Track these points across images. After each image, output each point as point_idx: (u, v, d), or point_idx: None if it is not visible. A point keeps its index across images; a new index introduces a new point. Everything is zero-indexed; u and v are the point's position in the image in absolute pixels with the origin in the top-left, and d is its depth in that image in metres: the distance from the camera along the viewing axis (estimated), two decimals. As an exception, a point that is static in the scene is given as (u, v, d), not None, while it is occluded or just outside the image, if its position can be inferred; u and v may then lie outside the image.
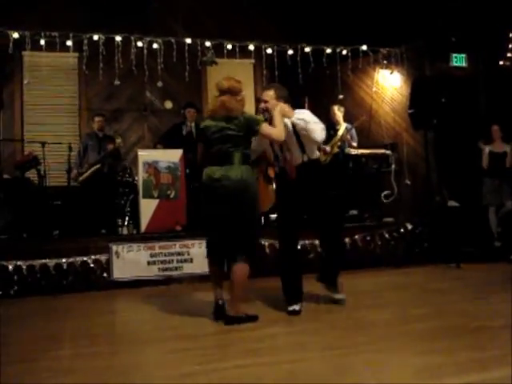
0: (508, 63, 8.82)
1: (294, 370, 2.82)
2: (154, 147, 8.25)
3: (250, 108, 9.08)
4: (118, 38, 8.25)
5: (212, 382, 2.69)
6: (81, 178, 7.60)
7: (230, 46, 8.80)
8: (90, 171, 7.57)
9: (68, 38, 8.14)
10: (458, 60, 8.87)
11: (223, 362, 3.04)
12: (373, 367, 2.81)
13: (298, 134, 4.39)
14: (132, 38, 8.33)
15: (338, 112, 8.10)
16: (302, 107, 9.98)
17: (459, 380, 2.51)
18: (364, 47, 8.97)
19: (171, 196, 7.11)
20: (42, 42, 8.01)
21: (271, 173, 7.49)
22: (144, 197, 7.04)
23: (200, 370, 2.88)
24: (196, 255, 6.56)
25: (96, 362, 3.15)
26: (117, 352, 3.46)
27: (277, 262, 4.75)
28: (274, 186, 6.43)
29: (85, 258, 6.24)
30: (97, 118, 8.02)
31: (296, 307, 4.33)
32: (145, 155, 7.24)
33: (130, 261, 6.35)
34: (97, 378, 2.84)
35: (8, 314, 5.06)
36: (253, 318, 4.08)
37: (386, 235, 7.40)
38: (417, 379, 2.58)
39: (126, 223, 7.27)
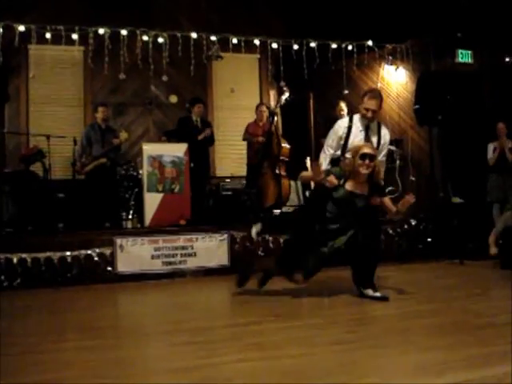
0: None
1: (298, 364, 2.82)
2: (159, 140, 8.27)
3: (253, 101, 9.12)
4: (124, 32, 8.24)
5: (214, 376, 2.70)
6: (85, 169, 7.61)
7: (235, 41, 8.79)
8: (93, 164, 7.58)
9: (73, 32, 8.15)
10: (464, 56, 8.82)
11: (226, 355, 3.04)
12: (376, 362, 2.82)
13: None
14: (137, 31, 8.33)
15: (345, 108, 8.10)
16: (307, 102, 10.00)
17: (462, 376, 2.51)
18: (370, 42, 8.94)
19: (176, 190, 7.13)
20: (48, 35, 8.02)
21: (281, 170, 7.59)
22: (148, 191, 7.07)
23: (203, 363, 2.88)
24: (200, 249, 6.58)
25: (99, 355, 3.16)
26: (120, 345, 3.48)
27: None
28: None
29: (89, 252, 6.26)
30: (100, 109, 7.87)
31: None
32: (149, 149, 7.25)
33: (134, 254, 6.37)
34: (100, 370, 2.84)
35: (12, 306, 5.09)
36: None
37: (390, 231, 7.40)
38: (420, 375, 2.59)
39: (130, 217, 7.30)
